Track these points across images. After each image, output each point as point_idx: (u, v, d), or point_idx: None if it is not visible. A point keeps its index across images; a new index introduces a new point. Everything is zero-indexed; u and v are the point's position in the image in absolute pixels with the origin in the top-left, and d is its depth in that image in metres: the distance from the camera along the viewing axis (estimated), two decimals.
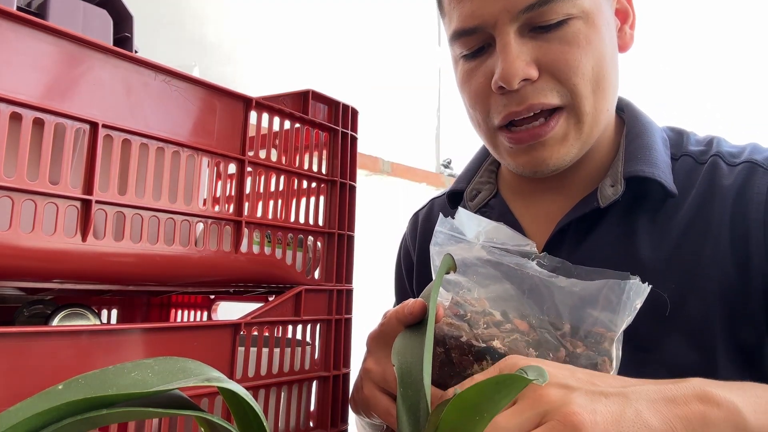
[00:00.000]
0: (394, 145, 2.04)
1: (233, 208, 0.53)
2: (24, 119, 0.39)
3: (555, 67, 0.55)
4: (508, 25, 0.54)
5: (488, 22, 0.55)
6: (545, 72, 0.55)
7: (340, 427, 0.60)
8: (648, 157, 0.60)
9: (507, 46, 0.54)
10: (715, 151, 0.62)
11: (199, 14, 1.50)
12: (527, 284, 0.45)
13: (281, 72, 1.69)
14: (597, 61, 0.56)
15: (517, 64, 0.54)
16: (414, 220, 0.86)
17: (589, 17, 0.55)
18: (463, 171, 0.78)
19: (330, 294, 0.61)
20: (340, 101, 0.64)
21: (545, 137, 0.57)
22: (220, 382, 0.25)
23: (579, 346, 0.42)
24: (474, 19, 0.56)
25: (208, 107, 0.51)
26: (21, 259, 0.39)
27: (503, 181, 0.74)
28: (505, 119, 0.58)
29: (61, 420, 0.20)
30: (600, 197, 0.60)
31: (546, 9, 0.53)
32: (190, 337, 0.47)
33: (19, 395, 0.37)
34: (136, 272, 0.47)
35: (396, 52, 2.14)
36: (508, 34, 0.55)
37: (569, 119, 0.57)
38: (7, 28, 0.39)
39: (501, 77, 0.55)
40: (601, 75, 0.56)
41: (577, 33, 0.55)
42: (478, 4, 0.55)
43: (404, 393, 0.32)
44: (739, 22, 2.22)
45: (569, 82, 0.55)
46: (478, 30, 0.57)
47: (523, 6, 0.53)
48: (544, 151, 0.58)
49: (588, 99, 0.56)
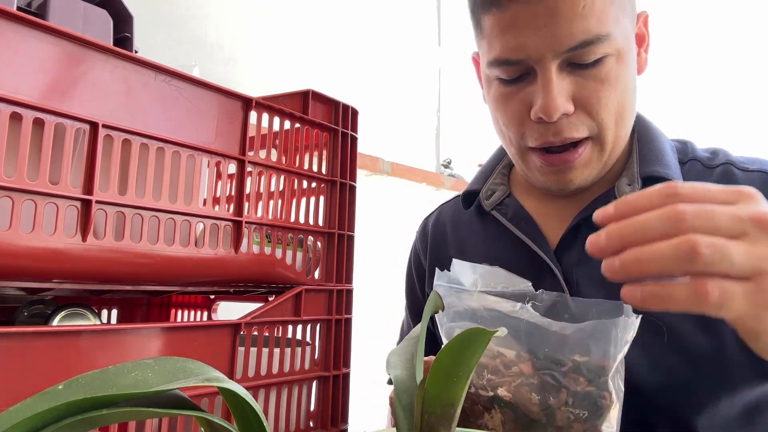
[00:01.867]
0: (394, 145, 2.04)
1: (233, 208, 0.53)
2: (24, 119, 0.39)
3: (588, 103, 0.59)
4: (551, 61, 0.58)
5: (533, 56, 0.58)
6: (579, 107, 0.60)
7: (340, 427, 0.60)
8: (661, 160, 0.65)
9: (550, 82, 0.58)
10: (725, 160, 0.66)
11: (199, 14, 1.50)
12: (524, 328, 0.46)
13: (281, 72, 1.69)
14: (622, 94, 0.61)
15: (559, 100, 0.58)
16: (424, 226, 0.88)
17: (620, 55, 0.59)
18: (477, 173, 0.81)
19: (330, 294, 0.61)
20: (340, 101, 0.64)
21: (573, 163, 0.62)
22: (220, 382, 0.25)
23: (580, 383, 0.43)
24: (519, 52, 0.59)
25: (208, 107, 0.51)
26: (21, 259, 0.39)
27: (515, 183, 0.77)
28: (541, 144, 0.62)
29: (61, 420, 0.20)
30: (618, 194, 0.64)
31: (587, 50, 0.57)
32: (190, 337, 0.47)
33: (19, 395, 0.37)
34: (136, 272, 0.47)
35: (396, 52, 2.14)
36: (550, 71, 0.58)
37: (594, 147, 0.62)
38: (7, 28, 0.39)
39: (543, 110, 0.58)
40: (624, 107, 0.61)
41: (609, 71, 0.59)
42: (525, 39, 0.58)
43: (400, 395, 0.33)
44: (738, 31, 2.22)
45: (598, 116, 0.60)
46: (521, 62, 0.60)
47: (569, 46, 0.57)
48: (570, 173, 0.63)
49: (611, 130, 0.61)
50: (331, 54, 1.85)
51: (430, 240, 0.84)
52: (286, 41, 1.72)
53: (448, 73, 2.39)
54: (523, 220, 0.70)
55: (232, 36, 1.57)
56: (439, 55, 2.38)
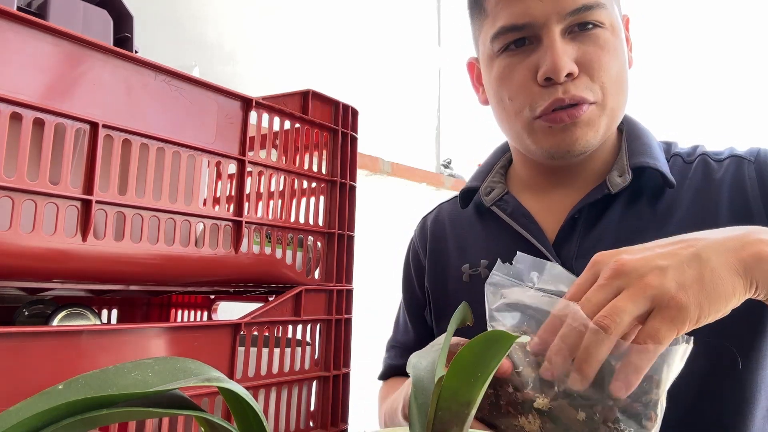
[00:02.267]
0: (394, 145, 2.04)
1: (233, 209, 0.53)
2: (24, 119, 0.39)
3: (590, 67, 0.63)
4: (555, 24, 0.62)
5: (538, 21, 0.62)
6: (582, 70, 0.63)
7: (340, 427, 0.60)
8: (650, 152, 0.69)
9: (555, 42, 0.62)
10: (701, 152, 0.71)
11: (199, 14, 1.50)
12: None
13: (281, 72, 1.68)
14: (620, 66, 0.65)
15: (565, 59, 0.61)
16: (422, 224, 0.90)
17: (614, 30, 0.65)
18: (476, 171, 0.83)
19: (330, 294, 0.61)
20: (340, 101, 0.64)
21: (579, 117, 0.64)
22: (220, 382, 0.25)
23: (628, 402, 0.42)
24: (525, 17, 0.63)
25: (208, 107, 0.51)
26: (21, 259, 0.39)
27: (513, 180, 0.79)
28: (550, 106, 0.64)
29: (61, 420, 0.20)
30: (610, 185, 0.67)
31: (587, 14, 0.62)
32: (190, 337, 0.47)
33: (19, 395, 0.37)
34: (136, 272, 0.47)
35: (396, 52, 2.14)
36: (555, 33, 0.62)
37: (597, 110, 0.65)
38: (7, 28, 0.39)
39: (550, 70, 0.61)
40: (622, 80, 0.66)
41: (607, 40, 0.63)
42: (530, 4, 0.62)
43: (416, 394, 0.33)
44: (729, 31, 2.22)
45: (600, 80, 0.63)
46: (527, 26, 0.63)
47: (571, 9, 0.62)
48: (576, 130, 0.64)
49: (612, 97, 0.65)
50: (331, 54, 1.85)
51: (430, 238, 0.85)
52: (286, 41, 1.72)
53: (448, 73, 2.39)
54: (523, 216, 0.72)
55: (232, 36, 1.57)
56: (439, 55, 2.38)
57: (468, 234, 0.79)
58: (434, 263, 0.82)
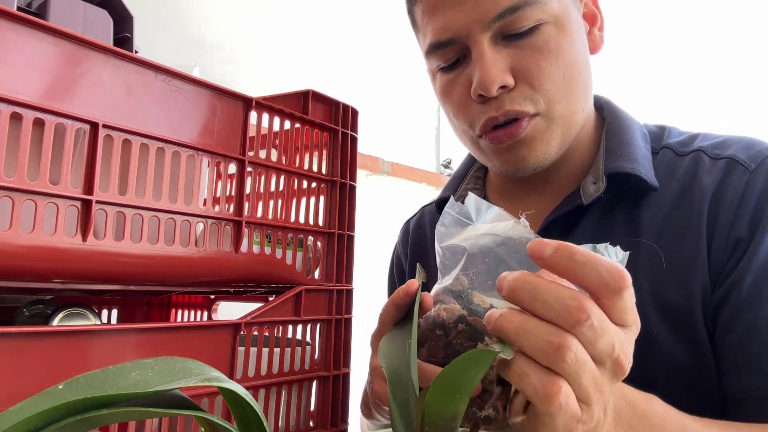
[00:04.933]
0: (394, 145, 2.04)
1: (233, 208, 0.53)
2: (24, 119, 0.39)
3: (529, 74, 0.57)
4: (480, 34, 0.56)
5: (461, 32, 0.57)
6: (520, 79, 0.57)
7: (340, 427, 0.60)
8: (628, 153, 0.62)
9: (482, 54, 0.56)
10: (698, 146, 0.63)
11: (199, 14, 1.50)
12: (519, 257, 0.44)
13: (281, 72, 1.68)
14: (568, 65, 0.58)
15: (494, 71, 0.56)
16: (405, 229, 0.88)
17: (559, 22, 0.57)
18: (449, 180, 0.80)
19: (330, 294, 0.61)
20: (340, 101, 0.64)
21: (520, 136, 0.59)
22: (220, 382, 0.25)
23: None
24: (447, 31, 0.58)
25: (208, 107, 0.51)
26: (21, 259, 0.39)
27: (490, 186, 0.76)
28: (485, 125, 0.60)
29: (61, 420, 0.20)
30: (583, 195, 0.62)
31: (517, 16, 0.55)
32: (190, 337, 0.47)
33: (19, 395, 0.37)
34: (136, 272, 0.47)
35: (396, 52, 2.14)
36: (482, 43, 0.56)
37: (542, 122, 0.59)
38: (7, 28, 0.39)
39: (479, 85, 0.57)
40: (572, 79, 0.59)
41: (548, 39, 0.57)
42: (450, 17, 0.57)
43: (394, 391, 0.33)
44: (725, 22, 2.22)
45: (542, 88, 0.57)
46: (453, 42, 0.58)
47: (494, 15, 0.55)
48: (521, 150, 0.60)
49: (560, 103, 0.58)
50: (331, 54, 1.85)
51: (411, 242, 0.83)
52: (286, 41, 1.72)
53: None
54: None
55: (232, 36, 1.57)
56: None
57: None
58: (413, 270, 0.81)
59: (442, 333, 0.44)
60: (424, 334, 0.45)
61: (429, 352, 0.44)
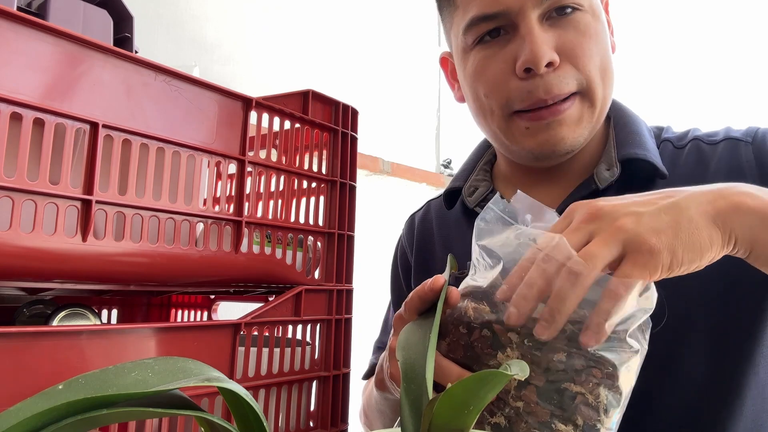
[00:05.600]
0: (394, 145, 2.04)
1: (233, 208, 0.53)
2: (24, 119, 0.39)
3: (573, 54, 0.59)
4: (531, 10, 0.58)
5: (513, 8, 0.58)
6: (564, 58, 0.59)
7: (340, 427, 0.60)
8: (639, 142, 0.65)
9: (533, 29, 0.58)
10: (693, 136, 0.67)
11: (199, 14, 1.50)
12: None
13: (281, 72, 1.68)
14: (603, 52, 0.61)
15: (544, 48, 0.57)
16: (410, 222, 0.87)
17: (594, 13, 0.61)
18: (459, 171, 0.80)
19: (330, 294, 0.61)
20: (340, 101, 0.64)
21: (562, 115, 0.60)
22: (220, 382, 0.25)
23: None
24: (498, 4, 0.59)
25: (208, 107, 0.51)
26: (21, 259, 0.39)
27: (498, 177, 0.76)
28: (531, 105, 0.60)
29: (61, 420, 0.20)
30: (598, 180, 0.64)
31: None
32: (190, 337, 0.47)
33: (19, 395, 0.37)
34: (136, 272, 0.47)
35: (396, 52, 2.14)
36: (532, 20, 0.58)
37: (583, 102, 0.61)
38: (7, 28, 0.39)
39: (529, 59, 0.57)
40: (607, 66, 0.61)
41: (587, 24, 0.59)
42: None
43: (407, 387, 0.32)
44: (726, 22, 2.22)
45: (585, 68, 0.59)
46: (501, 15, 0.59)
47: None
48: (561, 129, 0.61)
49: (599, 85, 0.60)
50: (331, 54, 1.85)
51: (417, 236, 0.83)
52: (286, 41, 1.72)
53: None
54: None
55: (232, 36, 1.57)
56: (440, 55, 2.38)
57: (454, 235, 0.76)
58: (420, 263, 0.80)
59: (466, 332, 0.44)
60: (448, 326, 0.45)
61: (449, 347, 0.44)
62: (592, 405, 0.39)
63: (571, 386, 0.40)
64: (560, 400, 0.40)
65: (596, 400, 0.39)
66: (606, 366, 0.39)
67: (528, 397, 0.40)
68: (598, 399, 0.39)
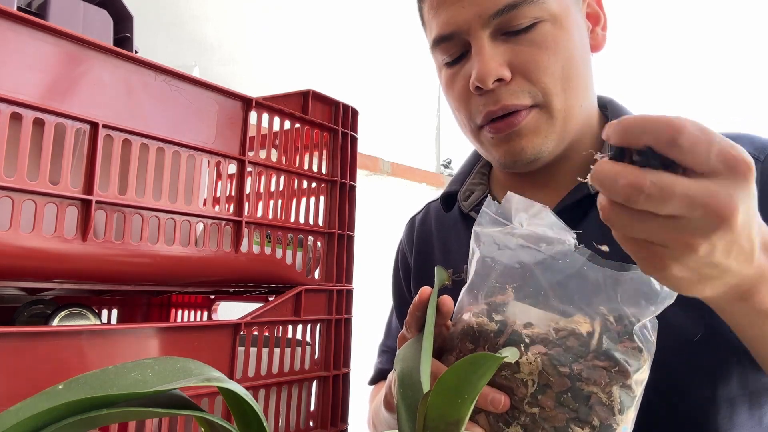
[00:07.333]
0: (394, 145, 2.04)
1: (233, 208, 0.53)
2: (24, 119, 0.39)
3: (526, 69, 0.59)
4: (480, 30, 0.59)
5: (462, 27, 0.60)
6: (517, 73, 0.59)
7: (340, 427, 0.60)
8: None
9: (481, 48, 0.59)
10: None
11: (199, 14, 1.50)
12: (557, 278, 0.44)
13: (281, 72, 1.68)
14: (566, 61, 0.60)
15: (491, 65, 0.58)
16: (410, 225, 0.88)
17: (557, 20, 0.60)
18: (455, 174, 0.81)
19: (330, 294, 0.61)
20: (340, 101, 0.64)
21: (518, 126, 0.61)
22: (220, 382, 0.25)
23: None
24: (450, 26, 0.61)
25: (208, 107, 0.51)
26: (21, 259, 0.39)
27: (495, 181, 0.77)
28: (484, 118, 0.62)
29: (61, 420, 0.20)
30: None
31: (515, 13, 0.58)
32: (190, 337, 0.47)
33: (19, 395, 0.37)
34: (136, 272, 0.47)
35: (396, 52, 2.14)
36: (481, 38, 0.59)
37: (540, 114, 0.61)
38: (7, 28, 0.39)
39: (477, 77, 0.59)
40: (570, 74, 0.61)
41: (545, 35, 0.59)
42: (452, 12, 0.60)
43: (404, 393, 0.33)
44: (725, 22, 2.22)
45: (539, 82, 0.59)
46: (455, 36, 0.61)
47: (493, 11, 0.58)
48: (520, 141, 0.62)
49: (558, 96, 0.60)
50: (331, 54, 1.85)
51: (416, 239, 0.83)
52: (286, 41, 1.72)
53: None
54: None
55: (232, 36, 1.57)
56: None
57: (452, 238, 0.76)
58: (420, 266, 0.81)
59: (473, 348, 0.44)
60: (454, 340, 0.46)
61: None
62: (607, 404, 0.40)
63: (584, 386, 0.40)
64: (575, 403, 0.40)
65: (610, 399, 0.40)
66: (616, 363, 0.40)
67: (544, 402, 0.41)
68: (612, 397, 0.40)
